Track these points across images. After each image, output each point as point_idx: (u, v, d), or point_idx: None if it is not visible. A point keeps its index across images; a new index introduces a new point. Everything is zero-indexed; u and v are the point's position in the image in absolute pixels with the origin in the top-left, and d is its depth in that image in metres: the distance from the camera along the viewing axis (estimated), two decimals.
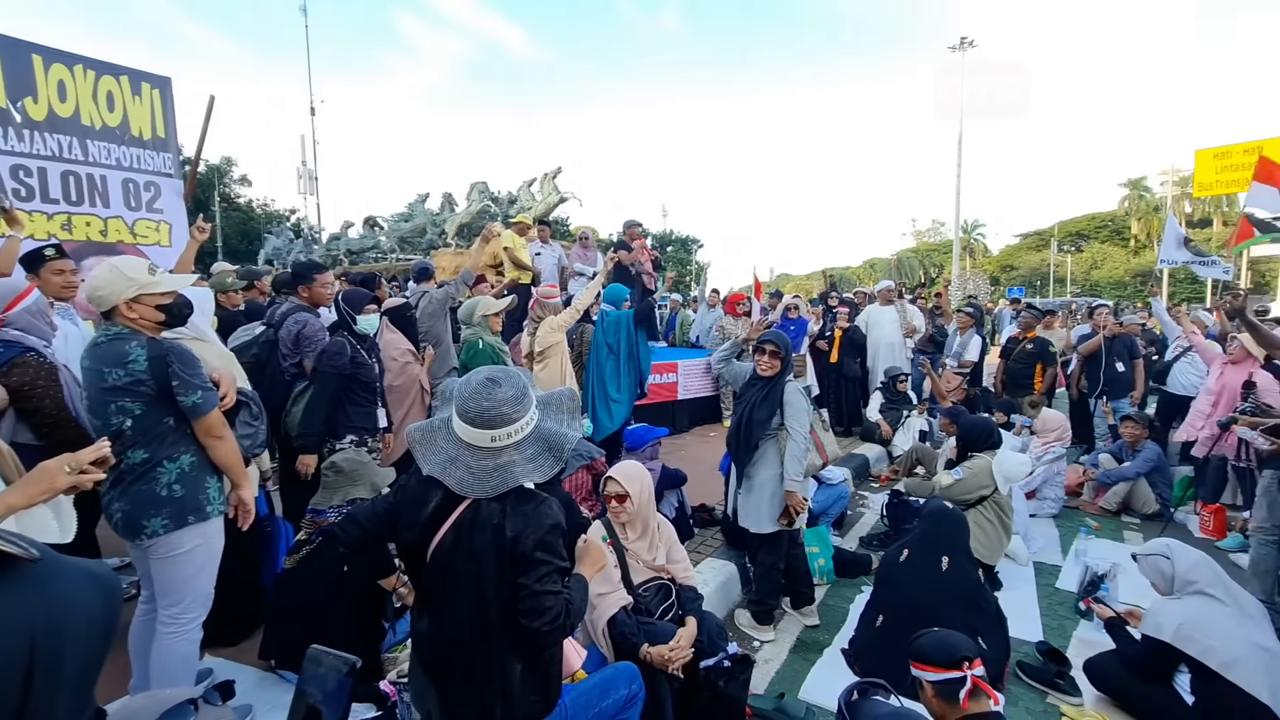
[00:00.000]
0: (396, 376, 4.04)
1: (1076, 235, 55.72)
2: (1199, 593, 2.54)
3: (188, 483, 2.10)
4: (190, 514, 2.10)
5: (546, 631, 1.54)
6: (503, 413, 1.52)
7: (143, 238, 4.78)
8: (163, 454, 2.06)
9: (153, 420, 2.03)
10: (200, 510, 2.12)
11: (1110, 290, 42.03)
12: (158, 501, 2.05)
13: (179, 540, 2.09)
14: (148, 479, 2.05)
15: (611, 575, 2.50)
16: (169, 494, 2.06)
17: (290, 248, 18.28)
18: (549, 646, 1.67)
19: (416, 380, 4.08)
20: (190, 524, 2.10)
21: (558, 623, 1.55)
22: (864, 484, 5.95)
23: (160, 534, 2.06)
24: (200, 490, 2.14)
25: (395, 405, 3.98)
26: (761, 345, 3.32)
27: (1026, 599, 3.73)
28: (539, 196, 13.48)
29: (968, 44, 24.11)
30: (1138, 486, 5.16)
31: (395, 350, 4.06)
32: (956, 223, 27.80)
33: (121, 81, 4.70)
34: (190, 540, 2.11)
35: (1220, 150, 20.90)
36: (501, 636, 1.57)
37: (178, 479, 2.08)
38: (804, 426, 3.19)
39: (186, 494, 2.09)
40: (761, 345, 3.32)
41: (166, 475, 2.07)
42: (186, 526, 2.09)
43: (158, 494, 2.05)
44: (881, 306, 7.68)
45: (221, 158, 36.66)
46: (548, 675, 1.71)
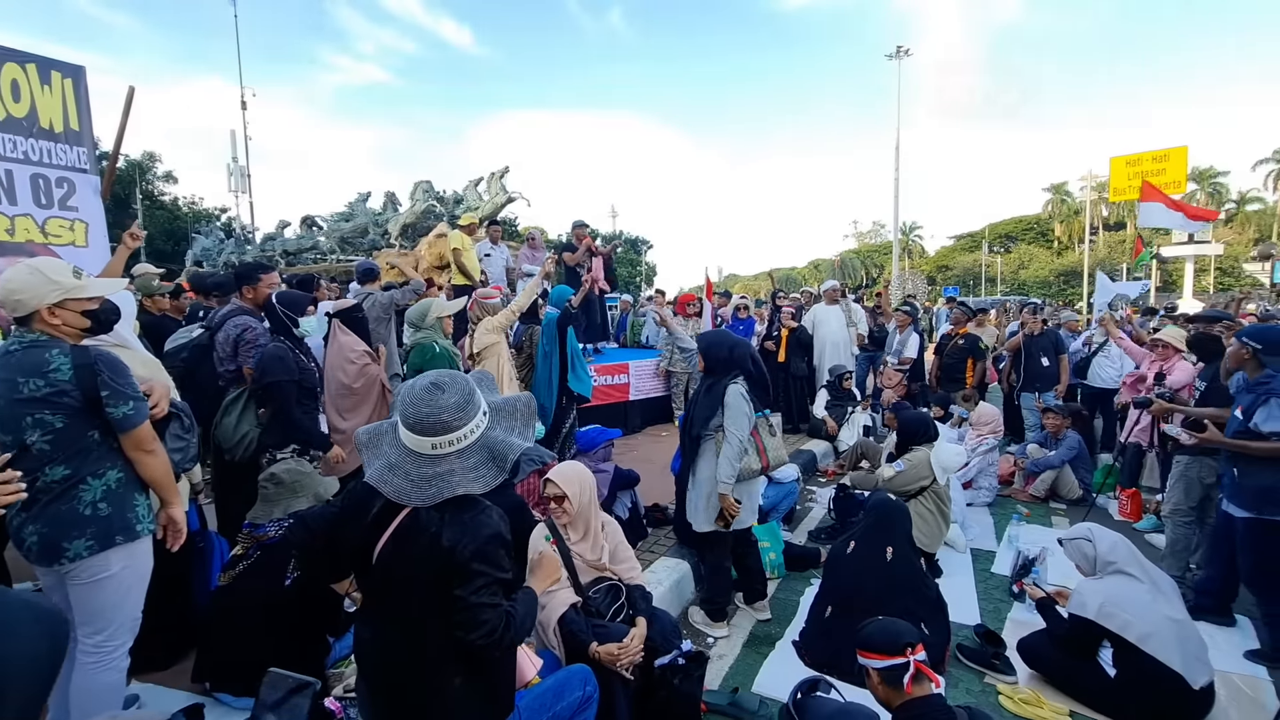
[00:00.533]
0: (356, 379, 3.91)
1: (1005, 237, 58.77)
2: (1118, 571, 2.71)
3: (115, 500, 1.96)
4: (118, 534, 1.96)
5: (483, 645, 1.49)
6: (443, 420, 1.48)
7: (55, 237, 4.44)
8: (86, 470, 1.91)
9: (76, 434, 1.89)
10: (129, 529, 1.99)
11: (1036, 289, 44.45)
12: (80, 521, 1.90)
13: (104, 562, 1.95)
14: (69, 498, 1.90)
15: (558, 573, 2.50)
16: (94, 513, 1.92)
17: (221, 248, 17.40)
18: (490, 660, 1.61)
19: (377, 380, 3.95)
20: (118, 544, 1.96)
21: (494, 637, 1.50)
22: (812, 479, 6.12)
23: (84, 556, 1.90)
24: (129, 508, 2.00)
25: (355, 408, 3.85)
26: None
27: (964, 584, 3.91)
28: (486, 196, 13.28)
29: (904, 52, 25.04)
30: (1063, 474, 5.48)
31: (352, 353, 3.93)
32: (895, 225, 28.82)
33: (28, 69, 4.36)
34: (117, 562, 1.97)
35: (1132, 158, 22.46)
36: (439, 648, 1.53)
37: (103, 496, 1.94)
38: (741, 429, 3.15)
39: (114, 512, 1.95)
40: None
41: (90, 493, 1.92)
42: (114, 547, 1.95)
43: (80, 513, 1.90)
44: (827, 305, 7.90)
45: (144, 153, 34.60)
46: (494, 687, 1.67)
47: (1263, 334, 3.21)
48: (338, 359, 3.94)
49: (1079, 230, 49.24)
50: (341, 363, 3.91)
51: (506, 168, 13.26)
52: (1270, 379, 3.11)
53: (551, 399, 5.02)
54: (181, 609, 2.72)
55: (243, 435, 3.19)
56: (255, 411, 3.24)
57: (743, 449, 3.20)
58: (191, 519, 2.77)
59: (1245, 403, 3.16)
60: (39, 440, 1.84)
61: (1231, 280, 37.09)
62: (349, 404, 3.88)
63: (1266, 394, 3.06)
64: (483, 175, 13.70)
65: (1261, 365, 3.16)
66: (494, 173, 13.31)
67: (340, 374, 3.91)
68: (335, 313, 3.99)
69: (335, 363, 3.95)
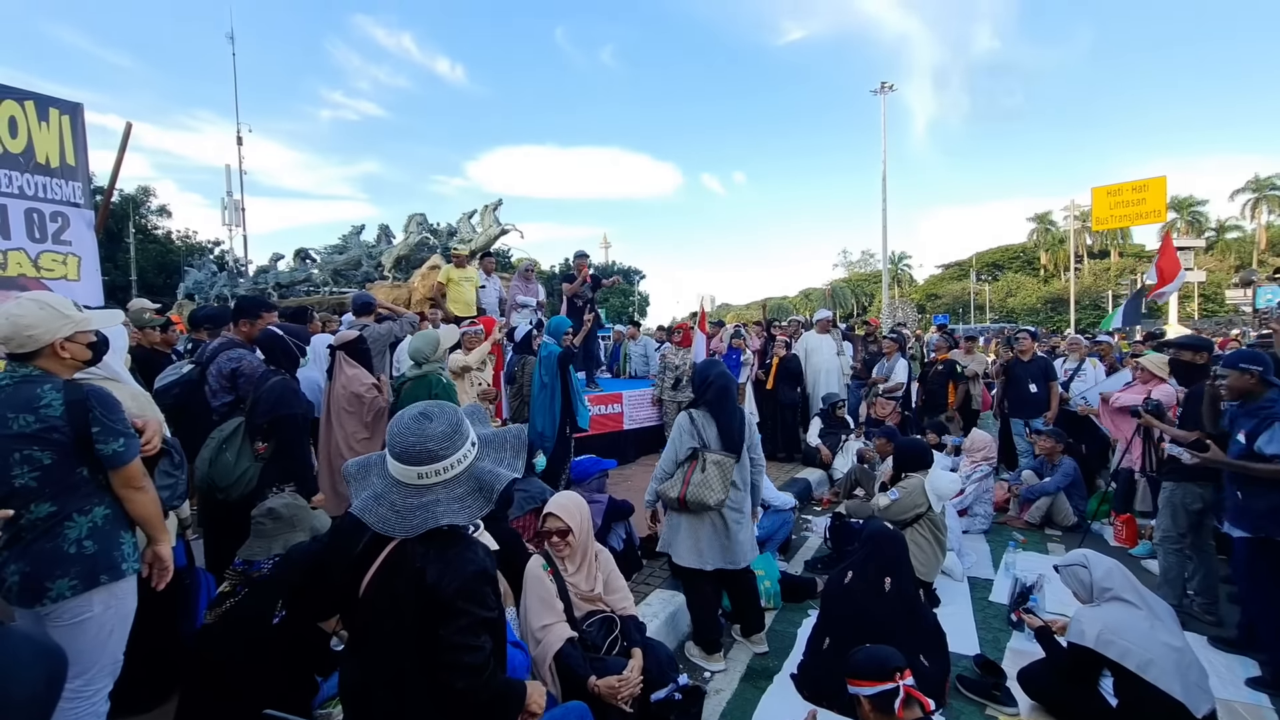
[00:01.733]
0: (368, 412, 3.88)
1: (992, 266, 59.63)
2: (1115, 599, 2.70)
3: (101, 537, 1.92)
4: (103, 572, 1.91)
5: (463, 690, 1.45)
6: (429, 449, 1.46)
7: (48, 271, 4.45)
8: (72, 507, 1.88)
9: (64, 470, 1.86)
10: (114, 568, 1.94)
11: (1025, 316, 44.95)
12: (65, 560, 1.85)
13: (87, 603, 1.89)
14: (53, 535, 1.85)
15: (554, 604, 2.45)
16: (78, 551, 1.87)
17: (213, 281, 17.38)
18: (476, 704, 1.55)
19: (385, 412, 3.92)
20: (102, 584, 1.91)
21: (478, 680, 1.46)
22: (807, 508, 6.08)
23: (66, 597, 1.85)
24: (115, 546, 1.95)
25: (367, 441, 3.80)
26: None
27: (963, 614, 3.86)
28: (479, 228, 13.41)
29: (888, 88, 25.71)
30: (1057, 500, 5.47)
31: (360, 385, 3.91)
32: (885, 255, 29.18)
33: (26, 106, 4.42)
34: (100, 603, 1.92)
35: (1113, 188, 23.01)
36: (421, 690, 1.48)
37: (89, 534, 1.90)
38: (666, 453, 3.30)
39: (99, 550, 1.91)
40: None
41: (76, 530, 1.88)
42: (98, 587, 1.90)
43: (65, 551, 1.85)
44: (819, 335, 7.97)
45: (138, 187, 34.84)
46: None
47: (1259, 358, 3.27)
48: (346, 392, 3.91)
49: (1064, 258, 50.08)
50: (351, 396, 3.89)
51: (500, 200, 13.44)
52: (1273, 403, 3.16)
53: (553, 429, 5.01)
54: (166, 649, 2.65)
55: (242, 472, 3.09)
56: (251, 447, 3.16)
57: (665, 473, 3.28)
58: (179, 555, 2.71)
59: (1248, 427, 3.19)
60: (26, 477, 1.81)
61: (1215, 307, 37.71)
62: (360, 437, 3.83)
63: (1270, 418, 3.10)
64: (476, 208, 13.86)
65: (1266, 387, 3.20)
66: (487, 205, 13.47)
67: (350, 407, 3.88)
68: (340, 345, 3.98)
69: (343, 395, 3.92)
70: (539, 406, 5.00)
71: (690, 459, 3.23)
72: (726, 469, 3.19)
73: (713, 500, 3.13)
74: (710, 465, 3.17)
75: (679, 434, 3.29)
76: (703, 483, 3.15)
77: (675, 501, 3.20)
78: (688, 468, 3.21)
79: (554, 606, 2.43)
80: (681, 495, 3.17)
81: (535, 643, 2.36)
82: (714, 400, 3.30)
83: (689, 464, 3.22)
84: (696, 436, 3.26)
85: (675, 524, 3.32)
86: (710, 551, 3.23)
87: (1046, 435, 5.82)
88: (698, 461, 3.20)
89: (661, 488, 3.28)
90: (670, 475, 3.27)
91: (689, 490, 3.15)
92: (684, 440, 3.27)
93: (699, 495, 3.14)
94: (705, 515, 3.22)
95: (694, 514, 3.22)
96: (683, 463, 3.26)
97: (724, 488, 3.16)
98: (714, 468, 3.17)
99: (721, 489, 3.16)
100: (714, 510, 3.19)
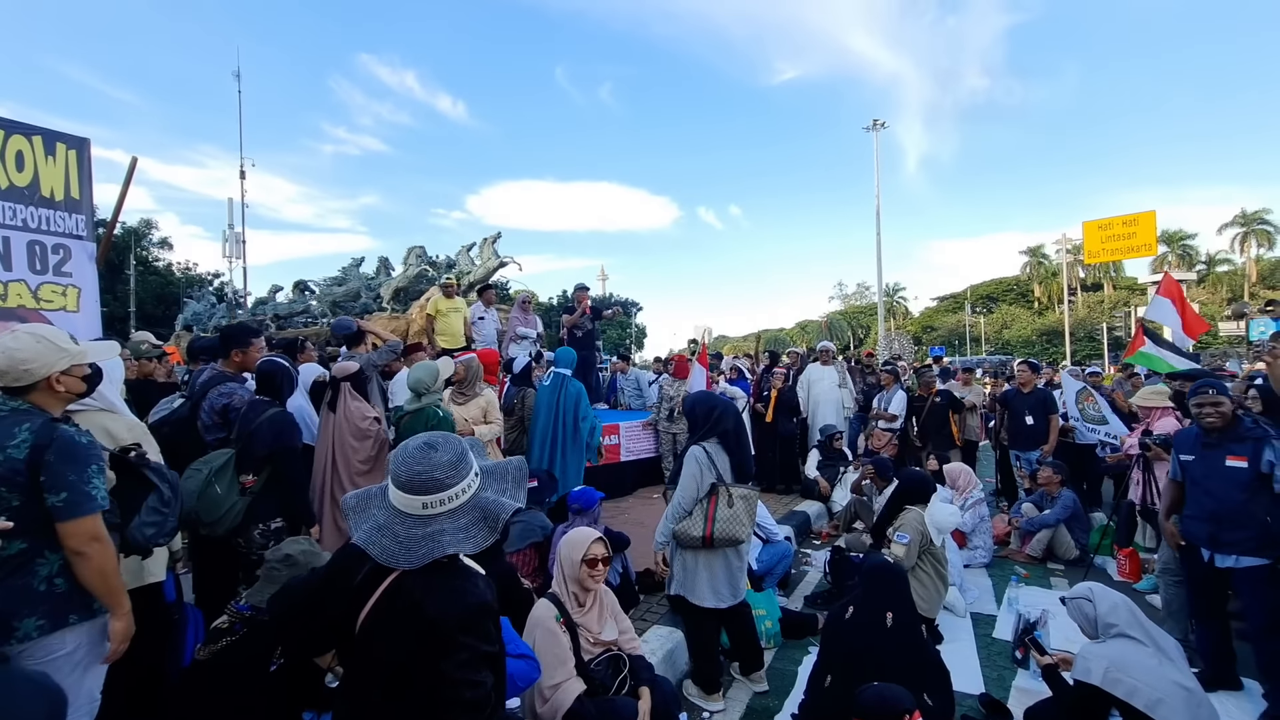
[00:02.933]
0: (373, 446, 3.84)
1: (987, 298, 60.19)
2: (1120, 635, 2.65)
3: (73, 575, 1.84)
4: (73, 612, 1.84)
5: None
6: (435, 478, 1.45)
7: (47, 302, 4.46)
8: (44, 543, 1.81)
9: (34, 508, 1.79)
10: (86, 607, 1.87)
11: (1021, 349, 45.17)
12: (34, 598, 1.77)
13: (59, 642, 1.83)
14: (24, 571, 1.78)
15: (566, 659, 2.39)
16: (49, 589, 1.80)
17: (212, 312, 17.44)
18: None
19: (386, 445, 3.89)
20: (71, 624, 1.84)
21: (479, 717, 1.42)
22: (806, 541, 6.01)
23: (33, 637, 1.77)
24: None
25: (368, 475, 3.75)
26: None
27: (966, 651, 3.79)
28: (478, 261, 13.53)
29: (880, 125, 26.30)
30: (1058, 533, 5.41)
31: (364, 420, 3.88)
32: (880, 288, 29.47)
33: (34, 141, 4.50)
34: (72, 641, 1.85)
35: (1104, 222, 23.39)
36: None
37: (61, 571, 1.83)
38: (687, 491, 3.13)
39: (71, 588, 1.84)
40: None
41: (47, 567, 1.81)
42: (66, 627, 1.83)
43: (34, 589, 1.78)
44: (823, 366, 8.00)
45: (140, 220, 35.20)
46: None
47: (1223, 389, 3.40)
48: (350, 424, 3.89)
49: (1058, 291, 50.59)
50: (355, 428, 3.87)
51: (499, 233, 13.60)
52: (1255, 423, 3.25)
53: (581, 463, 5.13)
54: (151, 687, 2.58)
55: (230, 506, 3.04)
56: (238, 480, 3.11)
57: (684, 511, 3.13)
58: (168, 589, 2.66)
59: (1243, 450, 3.23)
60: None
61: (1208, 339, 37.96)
62: (362, 470, 3.80)
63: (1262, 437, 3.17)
64: (475, 241, 14.01)
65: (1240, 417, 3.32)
66: (486, 238, 13.63)
67: (355, 440, 3.85)
68: (345, 377, 3.97)
69: (346, 429, 3.89)
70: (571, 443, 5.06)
71: (709, 494, 3.13)
72: (752, 503, 3.16)
73: (743, 535, 3.07)
74: (738, 500, 3.09)
75: (697, 469, 3.15)
76: (731, 518, 3.06)
77: (699, 540, 3.07)
78: (708, 504, 3.09)
79: (566, 663, 2.37)
80: (708, 533, 3.04)
81: (543, 700, 2.31)
82: (730, 430, 3.24)
83: (709, 500, 3.11)
84: (714, 471, 3.17)
85: (692, 564, 3.18)
86: (726, 589, 3.17)
87: (1045, 466, 5.78)
88: (719, 497, 3.10)
89: (680, 527, 3.12)
90: (689, 513, 3.12)
91: (715, 527, 3.04)
92: (704, 476, 3.16)
93: (729, 531, 3.04)
94: (721, 552, 3.14)
95: (711, 552, 3.13)
96: (702, 499, 3.14)
97: (751, 522, 3.12)
98: (741, 502, 3.09)
99: (750, 523, 3.11)
100: (732, 545, 3.12)
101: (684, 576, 3.22)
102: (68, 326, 4.47)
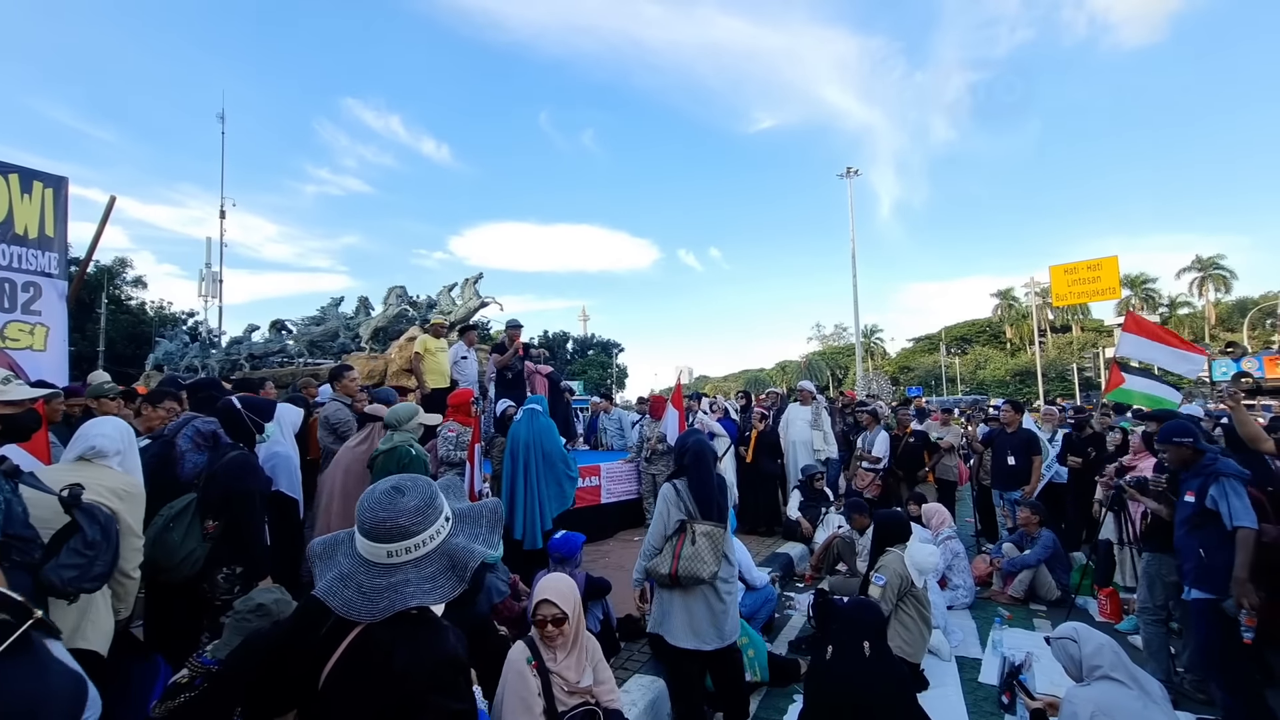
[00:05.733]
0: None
1: (960, 339, 61.49)
2: (1105, 677, 2.63)
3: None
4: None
5: None
6: (400, 525, 1.37)
7: (13, 341, 4.36)
8: None
9: None
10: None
11: (995, 389, 45.96)
12: None
13: None
14: None
15: (533, 706, 2.30)
16: None
17: (184, 352, 17.09)
18: None
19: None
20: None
21: None
22: (790, 584, 5.92)
23: None
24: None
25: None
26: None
27: (953, 696, 3.73)
28: (460, 301, 13.50)
29: (854, 172, 27.22)
30: (1040, 574, 5.42)
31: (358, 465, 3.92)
32: (857, 330, 29.99)
33: (10, 180, 4.47)
34: None
35: (1069, 266, 24.18)
36: None
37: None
38: (654, 528, 3.19)
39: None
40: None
41: None
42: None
43: None
44: (802, 405, 8.02)
45: (115, 258, 34.74)
46: None
47: (1187, 430, 3.49)
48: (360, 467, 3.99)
49: (1028, 332, 51.89)
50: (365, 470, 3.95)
51: (480, 274, 13.62)
52: (1213, 460, 3.34)
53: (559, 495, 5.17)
54: None
55: (189, 553, 2.91)
56: (200, 525, 2.98)
57: (654, 549, 3.16)
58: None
59: (1194, 486, 3.36)
60: None
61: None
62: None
63: (1213, 474, 3.27)
64: (457, 281, 14.02)
65: (1200, 453, 3.42)
66: (468, 279, 13.63)
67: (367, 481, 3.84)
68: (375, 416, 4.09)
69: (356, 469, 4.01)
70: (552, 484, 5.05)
71: (679, 532, 3.11)
72: (717, 540, 3.09)
73: (706, 573, 3.01)
74: (700, 537, 3.06)
75: (665, 506, 3.17)
76: (694, 555, 3.03)
77: (667, 578, 3.05)
78: (676, 541, 3.08)
79: (532, 710, 2.28)
80: (673, 570, 3.02)
81: None
82: (690, 465, 3.24)
83: (678, 537, 3.09)
84: (683, 508, 3.16)
85: (668, 603, 3.14)
86: (706, 630, 3.08)
87: (1025, 506, 5.82)
88: (686, 534, 3.08)
89: (651, 564, 3.12)
90: (659, 550, 3.12)
91: (680, 565, 3.01)
92: (672, 513, 3.16)
93: (691, 569, 3.00)
94: (698, 590, 3.08)
95: (686, 590, 3.08)
96: (671, 536, 3.13)
97: (716, 560, 3.05)
98: (704, 539, 3.06)
99: (714, 561, 3.04)
100: (707, 584, 3.07)
101: (660, 615, 3.19)
102: (34, 366, 4.38)
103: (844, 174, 27.28)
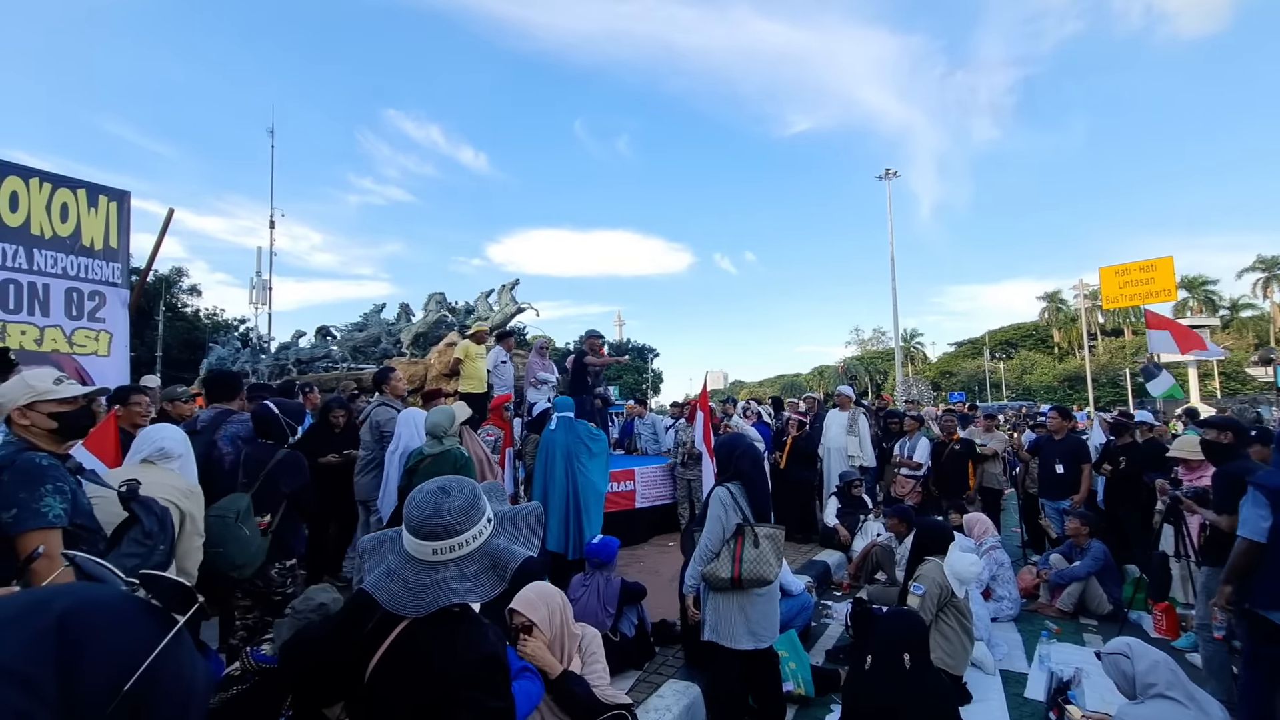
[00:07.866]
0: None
1: (1005, 344, 59.59)
2: (1160, 696, 2.53)
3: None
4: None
5: None
6: (445, 523, 1.42)
7: (80, 347, 4.63)
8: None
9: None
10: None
11: (1043, 394, 44.42)
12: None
13: None
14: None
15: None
16: None
17: (236, 357, 17.79)
18: None
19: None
20: None
21: None
22: (826, 592, 5.83)
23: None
24: None
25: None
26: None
27: (997, 711, 3.62)
28: (496, 307, 13.73)
29: (892, 174, 26.71)
30: (1090, 586, 5.21)
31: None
32: (896, 334, 29.37)
33: (78, 194, 4.74)
34: None
35: (1121, 268, 23.24)
36: None
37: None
38: (713, 533, 3.13)
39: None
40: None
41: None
42: None
43: None
44: (841, 411, 7.92)
45: (171, 268, 36.41)
46: None
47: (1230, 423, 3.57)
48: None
49: (1077, 336, 50.03)
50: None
51: (517, 280, 13.84)
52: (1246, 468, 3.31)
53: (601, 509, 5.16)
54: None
55: (257, 548, 3.04)
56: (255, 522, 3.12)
57: (711, 553, 3.14)
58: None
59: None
60: None
61: (1237, 384, 37.10)
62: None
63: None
64: (494, 287, 14.27)
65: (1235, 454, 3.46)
66: (504, 285, 13.87)
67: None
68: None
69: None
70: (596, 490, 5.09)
71: (735, 535, 3.12)
72: (779, 541, 3.14)
73: (771, 575, 3.05)
74: (764, 540, 3.08)
75: (723, 510, 3.16)
76: (758, 558, 3.05)
77: (728, 582, 3.06)
78: (734, 545, 3.09)
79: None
80: (736, 574, 3.03)
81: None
82: (747, 470, 3.25)
83: (735, 540, 3.10)
84: (739, 511, 3.17)
85: (725, 607, 3.14)
86: (764, 627, 3.13)
87: (1073, 517, 5.61)
88: (745, 537, 3.09)
89: (708, 569, 3.11)
90: (717, 555, 3.12)
91: (744, 568, 3.03)
92: (729, 516, 3.16)
93: (756, 571, 3.03)
94: (752, 591, 3.11)
95: (744, 593, 3.10)
96: (729, 540, 3.13)
97: (779, 560, 3.11)
98: (767, 542, 3.08)
99: (777, 562, 3.09)
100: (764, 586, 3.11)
101: (716, 620, 3.16)
102: (98, 370, 4.63)
103: (882, 175, 26.79)
